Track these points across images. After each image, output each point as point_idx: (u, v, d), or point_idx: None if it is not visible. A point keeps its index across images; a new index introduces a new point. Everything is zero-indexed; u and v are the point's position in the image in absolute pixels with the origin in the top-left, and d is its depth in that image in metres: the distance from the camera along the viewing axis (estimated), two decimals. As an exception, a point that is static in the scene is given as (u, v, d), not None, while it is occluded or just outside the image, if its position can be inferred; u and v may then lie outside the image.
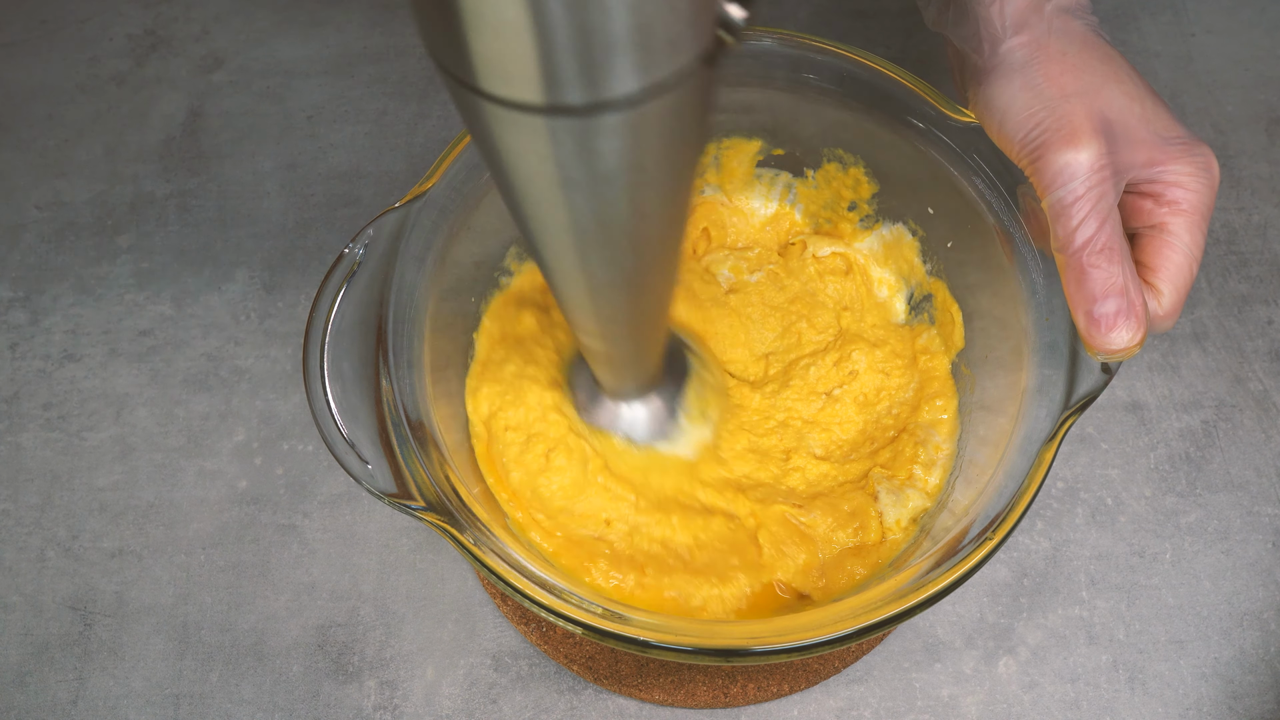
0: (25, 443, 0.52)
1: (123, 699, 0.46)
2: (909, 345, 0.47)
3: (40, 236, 0.57)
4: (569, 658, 0.46)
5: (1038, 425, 0.37)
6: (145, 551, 0.49)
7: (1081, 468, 0.50)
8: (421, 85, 0.62)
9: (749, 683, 0.45)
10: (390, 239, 0.40)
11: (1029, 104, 0.35)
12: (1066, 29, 0.37)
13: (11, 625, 0.48)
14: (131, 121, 0.61)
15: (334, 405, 0.36)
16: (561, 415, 0.43)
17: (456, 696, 0.46)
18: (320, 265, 0.56)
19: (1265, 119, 0.60)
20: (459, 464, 0.39)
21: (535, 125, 0.21)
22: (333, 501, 0.50)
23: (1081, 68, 0.36)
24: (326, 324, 0.38)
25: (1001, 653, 0.46)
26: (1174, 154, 0.35)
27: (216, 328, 0.54)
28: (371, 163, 0.59)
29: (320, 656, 0.47)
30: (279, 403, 0.52)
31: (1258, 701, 0.45)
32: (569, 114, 0.21)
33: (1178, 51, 0.62)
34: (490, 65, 0.20)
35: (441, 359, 0.42)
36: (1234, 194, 0.57)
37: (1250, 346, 0.53)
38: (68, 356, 0.54)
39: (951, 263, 0.45)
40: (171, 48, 0.63)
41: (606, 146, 0.22)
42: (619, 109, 0.21)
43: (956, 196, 0.42)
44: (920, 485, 0.43)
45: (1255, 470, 0.50)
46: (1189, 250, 0.35)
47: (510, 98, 0.20)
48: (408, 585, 0.48)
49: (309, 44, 0.63)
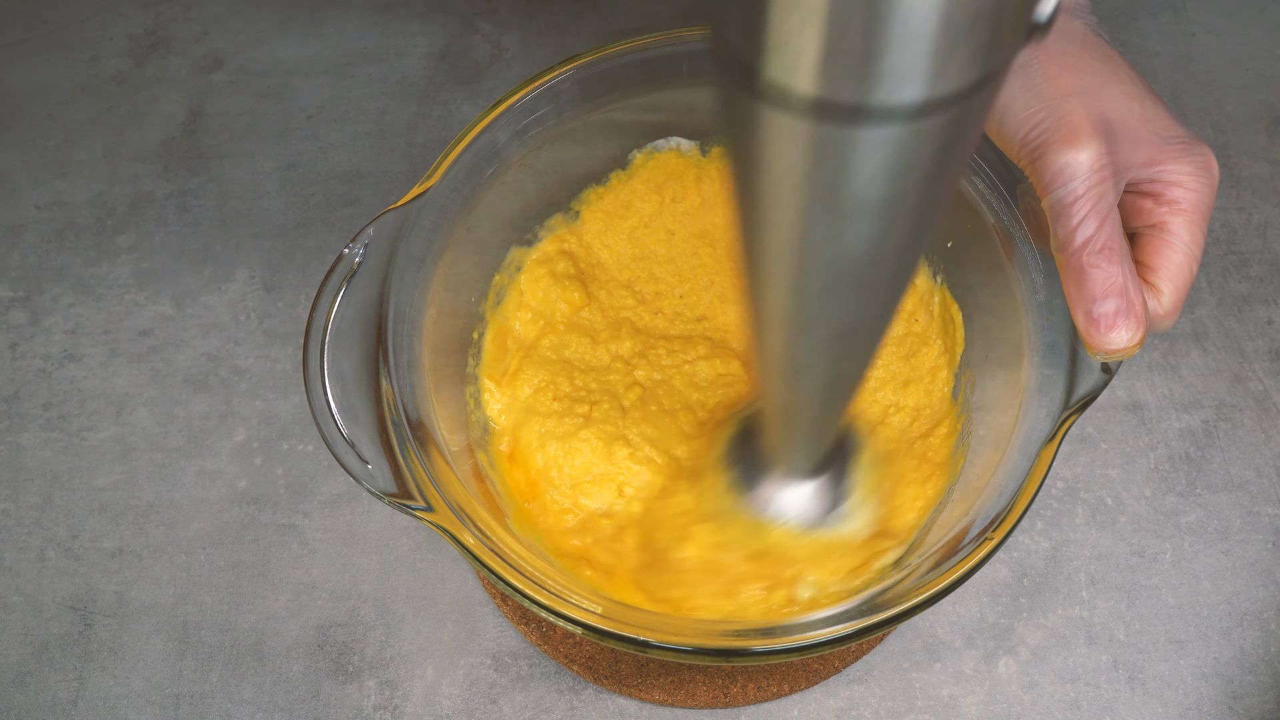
0: (25, 443, 0.52)
1: (123, 699, 0.46)
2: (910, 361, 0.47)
3: (40, 236, 0.57)
4: (569, 658, 0.46)
5: (1038, 425, 0.37)
6: (145, 551, 0.49)
7: (1081, 468, 0.50)
8: (421, 85, 0.62)
9: (749, 683, 0.45)
10: (390, 239, 0.40)
11: (1028, 104, 0.35)
12: (1065, 28, 0.37)
13: (11, 625, 0.48)
14: (131, 121, 0.61)
15: (334, 405, 0.36)
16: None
17: (456, 696, 0.46)
18: (320, 265, 0.56)
19: (1265, 119, 0.60)
20: (459, 464, 0.39)
21: (849, 138, 0.19)
22: (333, 501, 0.50)
23: (1081, 67, 0.36)
24: (326, 324, 0.38)
25: (1001, 653, 0.46)
26: (1173, 153, 0.35)
27: (216, 328, 0.54)
28: (371, 163, 0.59)
29: (320, 656, 0.47)
30: (279, 403, 0.52)
31: (1258, 701, 0.45)
32: (851, 118, 0.19)
33: (1178, 51, 0.62)
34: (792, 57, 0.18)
35: (441, 359, 0.42)
36: (1234, 194, 0.57)
37: (1250, 346, 0.53)
38: (68, 356, 0.54)
39: (951, 263, 0.45)
40: (171, 48, 0.64)
41: (918, 157, 0.20)
42: (948, 108, 0.19)
43: (956, 196, 0.42)
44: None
45: (1255, 470, 0.50)
46: (1189, 249, 0.35)
47: (836, 99, 0.18)
48: (408, 585, 0.48)
49: (309, 44, 0.64)
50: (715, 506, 0.40)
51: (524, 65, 0.62)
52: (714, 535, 0.40)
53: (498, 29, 0.64)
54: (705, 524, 0.40)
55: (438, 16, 0.64)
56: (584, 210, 0.49)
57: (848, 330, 0.27)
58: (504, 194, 0.44)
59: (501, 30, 0.64)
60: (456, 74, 0.62)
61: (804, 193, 0.21)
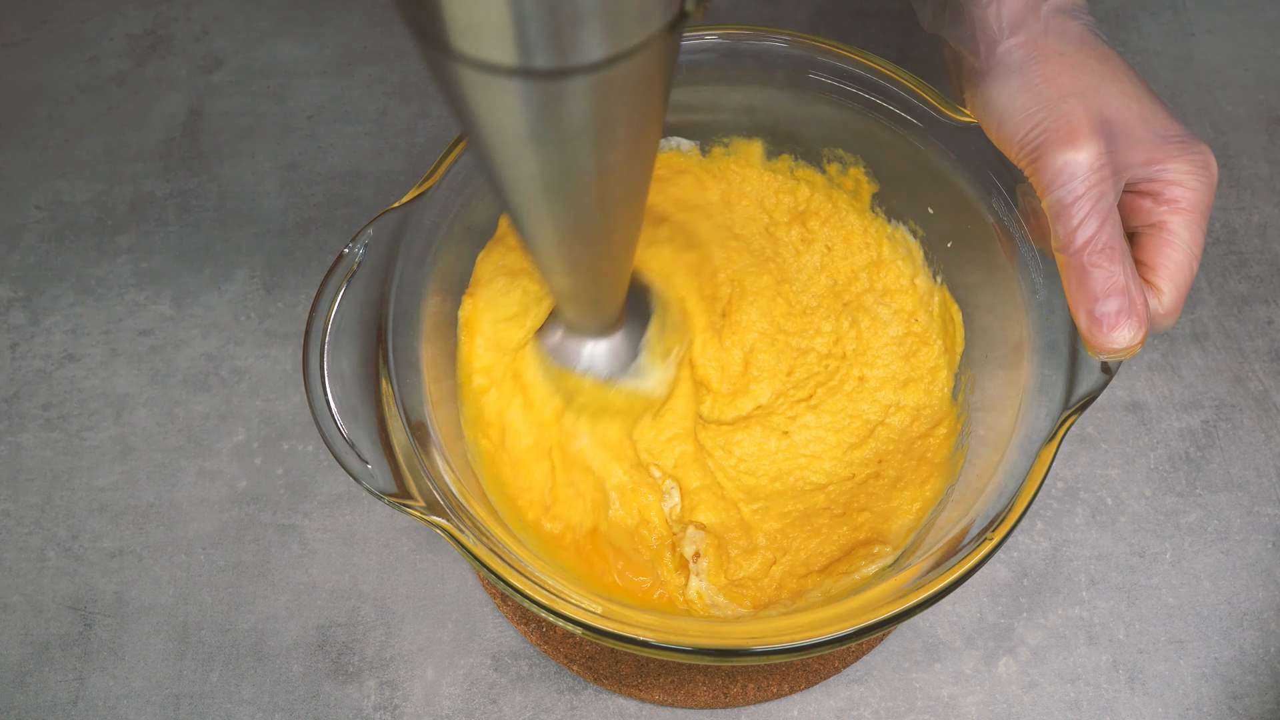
0: (25, 443, 0.52)
1: (123, 699, 0.46)
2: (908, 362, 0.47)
3: (40, 236, 0.57)
4: (569, 658, 0.46)
5: (1038, 425, 0.37)
6: (145, 551, 0.49)
7: (1081, 468, 0.50)
8: (421, 85, 0.62)
9: (749, 683, 0.45)
10: (390, 239, 0.40)
11: (1027, 104, 0.35)
12: (1063, 29, 0.37)
13: (11, 625, 0.48)
14: (131, 121, 0.61)
15: (334, 405, 0.36)
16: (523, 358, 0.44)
17: (456, 696, 0.46)
18: (320, 265, 0.56)
19: (1265, 119, 0.60)
20: (459, 464, 0.39)
21: (506, 86, 0.23)
22: (333, 501, 0.50)
23: (1079, 67, 0.36)
24: (326, 324, 0.38)
25: (1001, 653, 0.46)
26: (1173, 152, 0.35)
27: (216, 328, 0.54)
28: (371, 163, 0.59)
29: (320, 656, 0.47)
30: (279, 403, 0.52)
31: (1258, 701, 0.45)
32: (538, 77, 0.22)
33: (1178, 51, 0.62)
34: (466, 30, 0.21)
35: (441, 359, 0.42)
36: (1234, 194, 0.57)
37: (1250, 346, 0.53)
38: (68, 356, 0.54)
39: (951, 263, 0.45)
40: (171, 48, 0.64)
41: (574, 107, 0.23)
42: (586, 73, 0.22)
43: (956, 196, 0.42)
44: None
45: (1255, 470, 0.50)
46: (1189, 249, 0.35)
47: (484, 59, 0.22)
48: (408, 585, 0.48)
49: (309, 44, 0.63)
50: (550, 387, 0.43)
51: (524, 65, 0.62)
52: (578, 419, 0.43)
53: (498, 29, 0.64)
54: (568, 413, 0.43)
55: (438, 16, 0.64)
56: None
57: (581, 227, 0.30)
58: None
59: (501, 30, 0.63)
60: (456, 74, 0.62)
61: (510, 127, 0.25)
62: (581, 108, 0.23)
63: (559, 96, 0.23)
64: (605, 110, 0.24)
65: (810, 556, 0.43)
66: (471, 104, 0.24)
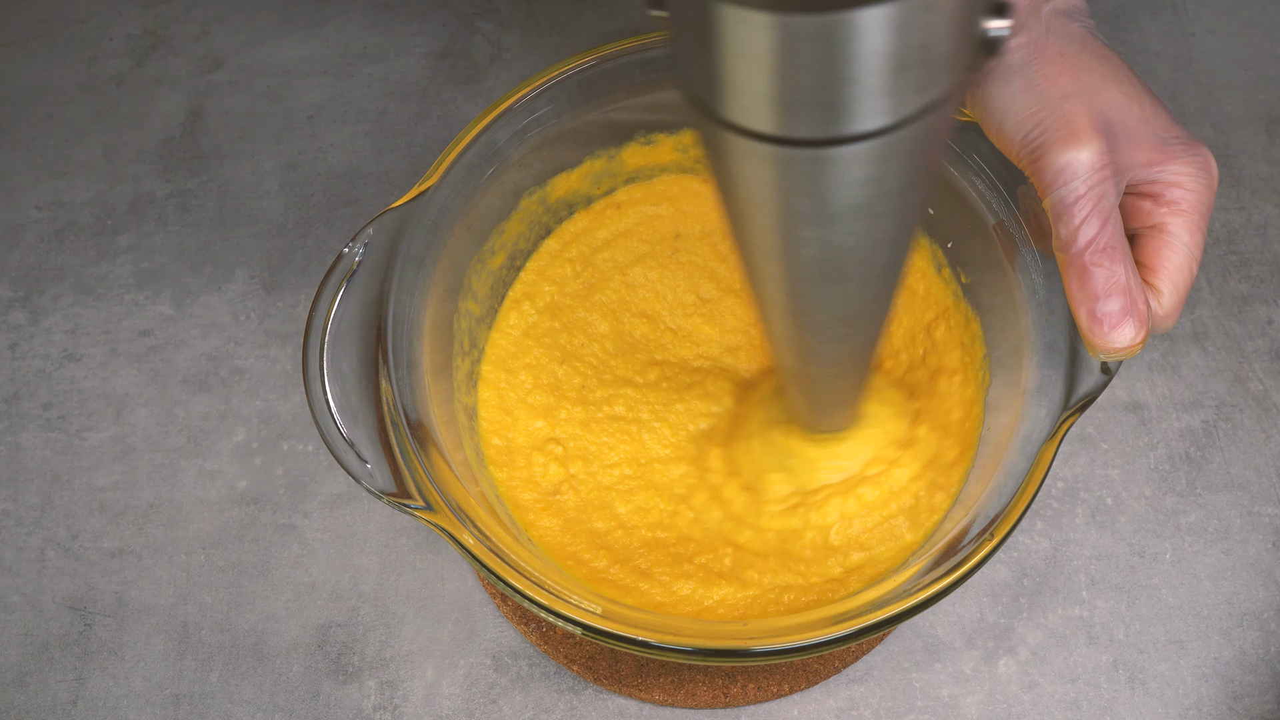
0: (25, 443, 0.52)
1: (123, 699, 0.46)
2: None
3: (40, 236, 0.57)
4: (569, 658, 0.46)
5: (1038, 425, 0.37)
6: (145, 551, 0.49)
7: (1081, 468, 0.50)
8: (421, 85, 0.62)
9: (749, 683, 0.45)
10: (390, 239, 0.40)
11: (1028, 104, 0.35)
12: (1064, 31, 0.36)
13: (11, 625, 0.48)
14: (131, 121, 0.61)
15: (334, 405, 0.36)
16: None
17: (456, 696, 0.46)
18: (320, 265, 0.56)
19: (1265, 119, 0.60)
20: (459, 464, 0.39)
21: (771, 155, 0.22)
22: (333, 501, 0.50)
23: (1080, 68, 0.36)
24: (326, 324, 0.38)
25: (1001, 653, 0.46)
26: (1173, 154, 0.35)
27: (216, 328, 0.54)
28: (371, 163, 0.59)
29: (320, 656, 0.47)
30: (279, 403, 0.52)
31: (1258, 701, 0.45)
32: (816, 145, 0.21)
33: (1178, 51, 0.62)
34: (746, 101, 0.20)
35: (441, 359, 0.42)
36: (1234, 194, 0.57)
37: (1250, 346, 0.53)
38: (68, 356, 0.54)
39: (952, 263, 0.45)
40: (171, 48, 0.64)
41: (854, 176, 0.22)
42: (868, 140, 0.21)
43: (956, 196, 0.42)
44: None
45: (1255, 470, 0.50)
46: (1189, 250, 0.35)
47: (759, 130, 0.21)
48: (408, 585, 0.48)
49: (309, 44, 0.63)
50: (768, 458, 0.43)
51: (524, 65, 0.62)
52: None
53: (498, 29, 0.64)
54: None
55: (438, 16, 0.64)
56: (583, 210, 0.49)
57: (845, 317, 0.29)
58: (504, 194, 0.44)
59: (501, 30, 0.64)
60: (456, 74, 0.62)
61: (776, 204, 0.23)
62: (860, 177, 0.22)
63: (837, 166, 0.22)
64: (882, 179, 0.23)
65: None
66: (745, 179, 0.23)
